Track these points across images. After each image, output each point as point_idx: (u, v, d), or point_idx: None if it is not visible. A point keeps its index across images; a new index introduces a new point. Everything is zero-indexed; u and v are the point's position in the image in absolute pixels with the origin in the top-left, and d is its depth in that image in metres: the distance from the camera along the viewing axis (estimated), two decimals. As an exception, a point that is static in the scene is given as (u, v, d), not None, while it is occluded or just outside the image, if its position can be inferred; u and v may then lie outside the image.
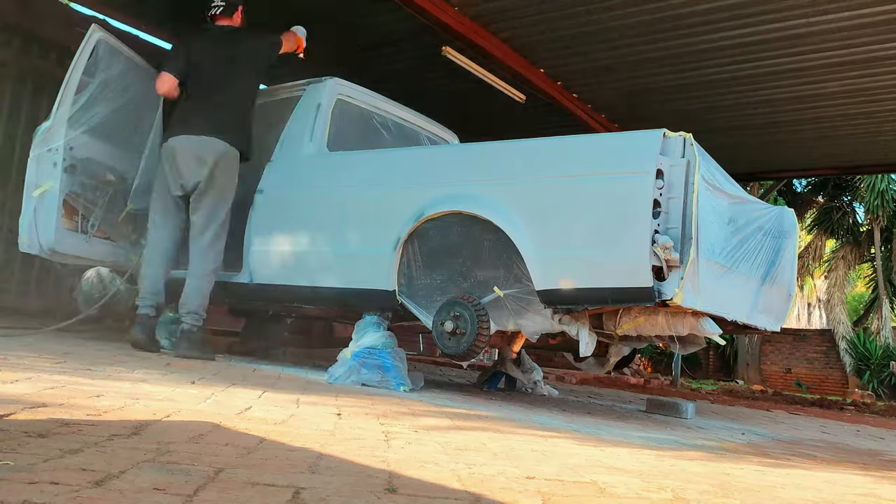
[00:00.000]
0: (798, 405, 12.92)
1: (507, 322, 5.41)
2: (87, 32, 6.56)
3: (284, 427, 3.00)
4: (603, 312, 5.32)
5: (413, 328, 6.41)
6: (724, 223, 5.22)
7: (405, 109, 7.56)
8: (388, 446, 2.84)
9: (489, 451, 3.04)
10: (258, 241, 6.56)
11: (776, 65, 9.04)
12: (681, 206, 4.71)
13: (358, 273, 6.01)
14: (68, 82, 6.44)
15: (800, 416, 9.82)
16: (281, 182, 6.62)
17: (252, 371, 5.69)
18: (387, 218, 5.85)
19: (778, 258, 5.98)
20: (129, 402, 3.16)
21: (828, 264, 27.53)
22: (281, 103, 7.07)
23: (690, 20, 8.18)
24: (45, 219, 6.35)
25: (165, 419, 2.84)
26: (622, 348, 6.38)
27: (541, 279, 5.05)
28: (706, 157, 4.99)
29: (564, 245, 5.01)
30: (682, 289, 4.64)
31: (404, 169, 6.18)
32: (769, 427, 7.01)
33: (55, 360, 4.55)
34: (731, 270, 5.31)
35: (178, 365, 5.36)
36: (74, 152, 6.44)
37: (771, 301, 6.06)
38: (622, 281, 4.78)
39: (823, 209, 26.69)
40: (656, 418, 6.39)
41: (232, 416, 3.13)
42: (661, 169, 4.73)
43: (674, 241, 4.63)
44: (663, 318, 5.16)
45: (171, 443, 2.36)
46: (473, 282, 5.55)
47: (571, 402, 7.19)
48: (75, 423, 2.51)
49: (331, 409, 3.88)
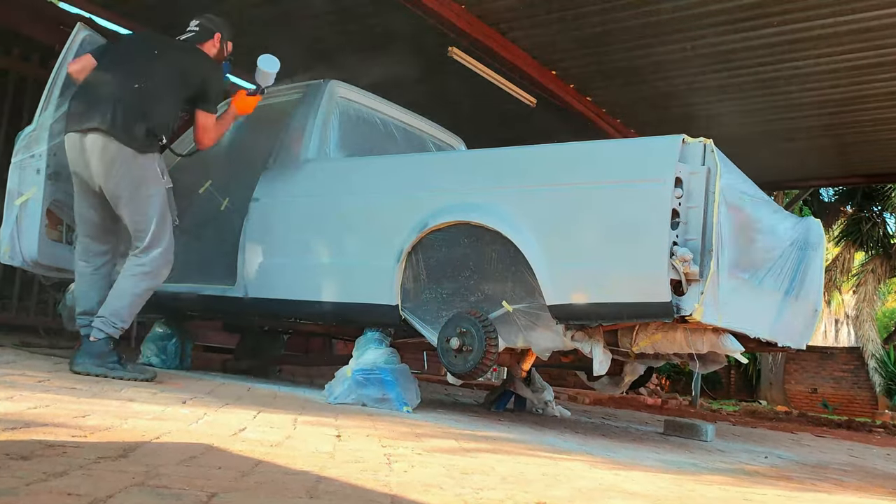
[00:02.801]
0: (824, 427, 12.89)
1: (517, 339, 5.40)
2: (72, 31, 6.55)
3: (281, 449, 3.00)
4: (618, 329, 5.31)
5: (417, 345, 6.40)
6: (746, 234, 5.21)
7: (409, 113, 7.57)
8: (390, 469, 2.84)
9: (497, 474, 3.04)
10: (253, 252, 6.56)
11: (802, 67, 9.04)
12: (701, 217, 4.69)
13: (358, 286, 6.01)
14: (52, 84, 6.42)
15: (826, 438, 9.81)
16: (277, 190, 6.62)
17: (247, 390, 5.69)
18: (389, 228, 5.85)
19: (804, 271, 5.97)
20: (116, 422, 3.16)
21: (856, 278, 27.39)
22: (277, 107, 7.06)
23: (712, 19, 8.19)
24: (28, 229, 6.33)
25: (155, 440, 2.84)
26: (638, 367, 6.37)
27: (552, 293, 5.04)
28: (728, 165, 4.98)
29: (577, 257, 5.00)
30: (701, 304, 4.62)
31: (408, 176, 6.18)
32: (793, 450, 7.00)
33: (39, 378, 4.56)
34: (753, 284, 5.30)
35: (169, 384, 5.36)
36: (59, 158, 6.41)
37: (796, 317, 6.05)
38: (638, 295, 4.77)
39: (852, 220, 26.56)
40: (674, 441, 6.38)
41: (225, 437, 3.13)
42: (679, 177, 4.71)
43: (693, 254, 4.62)
44: (682, 335, 5.15)
45: (161, 465, 2.36)
46: (481, 296, 5.53)
47: (584, 423, 7.18)
48: (60, 444, 2.51)
49: (330, 429, 3.88)
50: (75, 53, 6.22)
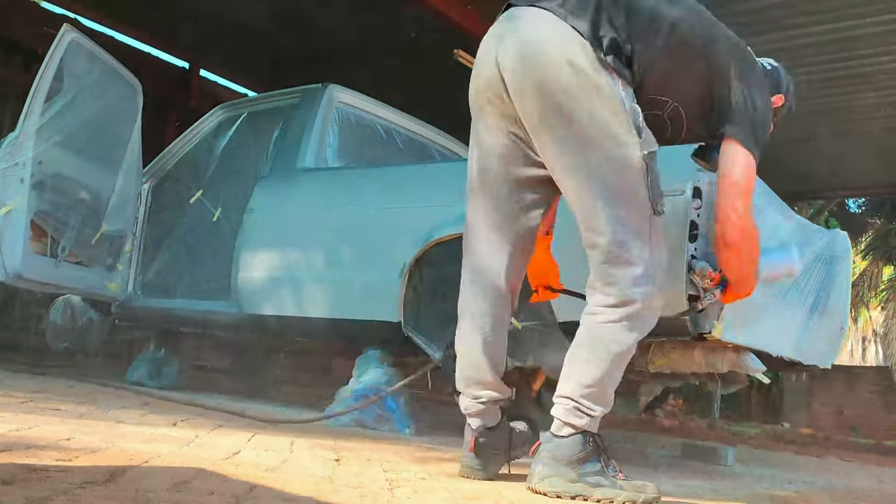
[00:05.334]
0: (852, 451, 12.85)
1: (526, 357, 5.39)
2: (57, 33, 6.56)
3: (277, 473, 3.00)
4: (633, 347, 5.29)
5: (420, 364, 6.40)
6: (769, 248, 5.20)
7: (413, 120, 7.57)
8: (391, 495, 2.84)
9: (506, 500, 3.04)
10: (247, 266, 6.55)
11: (827, 70, 9.06)
12: (720, 229, 4.68)
13: (359, 302, 6.00)
14: (37, 89, 6.42)
15: (853, 463, 9.77)
16: (273, 201, 6.62)
17: (241, 411, 5.69)
18: (392, 241, 5.85)
19: (829, 286, 5.95)
20: (103, 444, 3.16)
21: (885, 293, 27.35)
22: (272, 113, 7.07)
23: (732, 20, 8.17)
24: (11, 241, 6.31)
25: (144, 464, 2.84)
26: (654, 387, 6.36)
27: (564, 309, 5.03)
28: (749, 174, 4.97)
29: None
30: (721, 321, 4.62)
31: (412, 186, 6.18)
32: (819, 475, 6.98)
33: (22, 398, 4.57)
34: (776, 300, 5.29)
35: (159, 404, 5.36)
36: (44, 167, 6.42)
37: (821, 334, 6.04)
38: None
39: (880, 232, 26.53)
40: (692, 465, 6.37)
41: (218, 460, 3.13)
42: (698, 187, 4.70)
43: (713, 268, 4.62)
44: (700, 354, 5.14)
45: (151, 490, 2.36)
46: (488, 313, 5.53)
47: (597, 447, 7.15)
48: (43, 468, 2.51)
49: (328, 453, 3.88)
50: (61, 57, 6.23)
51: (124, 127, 7.08)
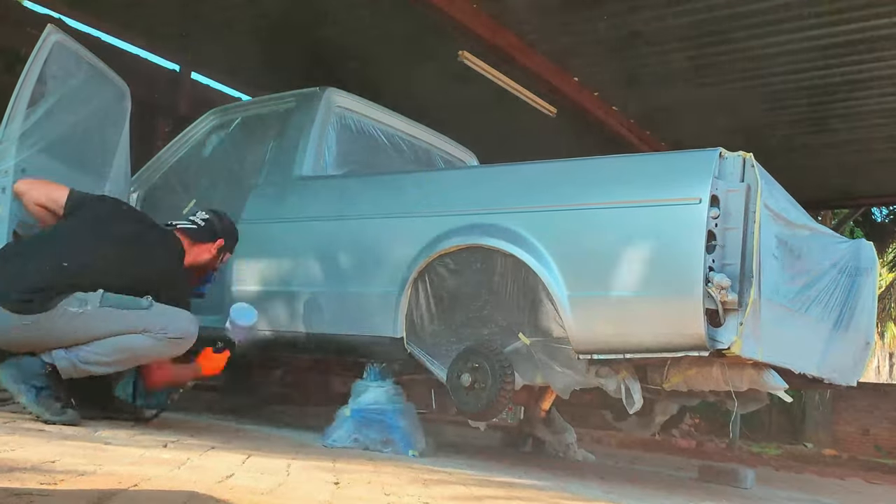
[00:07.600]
0: (877, 472, 12.83)
1: (535, 375, 5.39)
2: (41, 34, 6.57)
3: (273, 497, 3.00)
4: (647, 364, 5.29)
5: (424, 382, 6.39)
6: (791, 259, 5.20)
7: (415, 125, 7.57)
8: (394, 521, 2.84)
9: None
10: (241, 279, 6.56)
11: (852, 73, 9.07)
12: (740, 239, 4.67)
13: (359, 317, 6.00)
14: (20, 93, 6.41)
15: (879, 485, 9.76)
16: (268, 211, 6.62)
17: (235, 431, 5.69)
18: (394, 253, 5.85)
19: (854, 300, 5.95)
20: (90, 467, 3.16)
21: (913, 307, 27.39)
22: (267, 118, 7.08)
23: (753, 20, 8.21)
24: (-8, 252, 6.33)
25: (133, 488, 2.84)
26: (670, 405, 6.36)
27: (574, 325, 5.02)
28: (770, 181, 4.96)
29: (603, 285, 4.98)
30: (740, 336, 4.60)
31: (414, 195, 6.17)
32: (843, 498, 6.98)
33: (4, 418, 4.56)
34: (798, 314, 5.29)
35: (149, 425, 5.36)
36: (27, 175, 6.43)
37: (845, 350, 6.03)
38: (670, 327, 4.76)
39: (907, 243, 26.58)
40: (710, 487, 6.37)
41: (211, 484, 3.13)
42: (716, 195, 4.70)
43: (731, 280, 4.60)
44: (719, 371, 5.13)
45: (140, 516, 2.36)
46: (495, 328, 5.53)
47: (610, 467, 7.17)
48: (27, 492, 2.51)
49: (327, 475, 3.88)
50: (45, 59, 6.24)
51: (112, 132, 7.07)
